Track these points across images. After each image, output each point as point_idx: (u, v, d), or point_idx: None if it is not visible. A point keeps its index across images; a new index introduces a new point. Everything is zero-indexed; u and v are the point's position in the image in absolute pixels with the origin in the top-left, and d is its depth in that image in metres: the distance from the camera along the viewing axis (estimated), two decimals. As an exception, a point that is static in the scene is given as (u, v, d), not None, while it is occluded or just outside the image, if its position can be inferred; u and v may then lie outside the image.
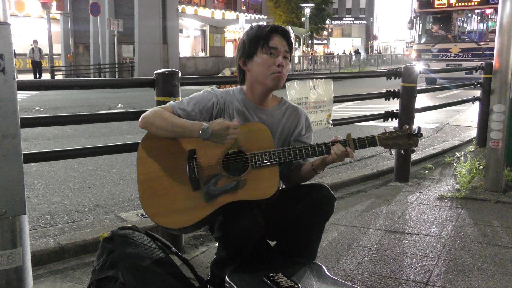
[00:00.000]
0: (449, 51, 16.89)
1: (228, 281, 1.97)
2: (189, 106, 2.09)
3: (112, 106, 11.75)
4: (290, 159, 2.02)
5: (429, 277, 2.54)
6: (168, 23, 26.45)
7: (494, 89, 4.05)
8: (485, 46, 16.26)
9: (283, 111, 2.24)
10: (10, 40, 1.85)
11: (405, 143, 2.04)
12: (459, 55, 16.65)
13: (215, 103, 2.12)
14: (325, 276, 2.05)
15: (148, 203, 2.00)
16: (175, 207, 1.98)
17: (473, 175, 4.50)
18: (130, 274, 1.86)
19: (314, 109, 3.87)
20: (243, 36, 2.17)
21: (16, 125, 1.89)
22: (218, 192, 1.96)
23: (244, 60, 2.15)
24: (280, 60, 2.08)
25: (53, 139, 7.13)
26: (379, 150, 6.06)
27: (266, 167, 1.99)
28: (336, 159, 2.00)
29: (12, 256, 1.95)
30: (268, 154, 2.00)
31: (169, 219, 1.97)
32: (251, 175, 1.98)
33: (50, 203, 4.07)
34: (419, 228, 3.29)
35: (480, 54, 16.09)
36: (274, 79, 2.09)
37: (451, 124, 8.60)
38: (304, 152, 2.03)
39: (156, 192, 2.00)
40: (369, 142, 2.03)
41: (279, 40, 2.09)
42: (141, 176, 2.03)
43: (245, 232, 1.91)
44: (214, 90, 2.17)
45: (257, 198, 1.95)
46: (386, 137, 2.05)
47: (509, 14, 3.85)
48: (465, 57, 16.49)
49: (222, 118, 2.05)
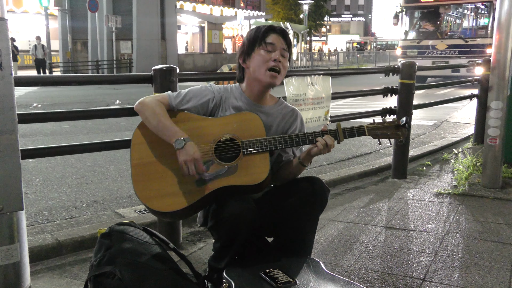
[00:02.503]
0: (435, 47, 16.22)
1: (225, 277, 1.98)
2: (185, 98, 2.13)
3: (110, 102, 11.73)
4: (281, 146, 2.06)
5: (426, 273, 2.55)
6: (166, 20, 26.39)
7: (492, 86, 4.05)
8: (473, 42, 15.75)
9: (279, 110, 2.26)
10: (7, 36, 1.84)
11: (393, 133, 2.09)
12: (446, 52, 15.98)
13: (211, 99, 2.15)
14: (322, 272, 2.06)
15: (140, 187, 2.01)
16: (167, 191, 1.99)
17: (470, 172, 4.51)
18: (128, 270, 1.86)
19: (312, 106, 3.87)
20: (245, 37, 2.23)
21: (14, 121, 1.89)
22: (209, 178, 1.98)
23: (243, 57, 2.19)
24: (277, 56, 2.11)
25: (51, 135, 7.12)
26: (377, 147, 6.07)
27: (257, 154, 2.02)
28: (323, 150, 2.03)
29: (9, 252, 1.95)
30: (259, 142, 2.03)
31: (160, 203, 1.98)
32: (242, 162, 2.01)
33: (48, 199, 4.07)
34: (417, 224, 3.30)
35: (467, 51, 15.53)
36: (271, 75, 2.11)
37: (449, 121, 8.62)
38: (295, 140, 2.06)
39: (148, 176, 2.02)
40: (358, 132, 2.08)
41: (276, 37, 2.13)
42: (135, 160, 2.05)
43: (236, 215, 1.93)
44: (211, 86, 2.20)
45: (248, 184, 1.97)
46: (375, 127, 2.09)
47: (507, 11, 3.85)
48: (451, 54, 15.86)
49: (197, 150, 2.01)
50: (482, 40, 15.41)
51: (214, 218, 2.02)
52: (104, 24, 23.20)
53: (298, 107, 3.66)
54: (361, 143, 6.54)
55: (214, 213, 2.02)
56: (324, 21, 49.81)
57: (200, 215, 2.24)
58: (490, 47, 15.24)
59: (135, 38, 24.85)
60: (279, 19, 41.20)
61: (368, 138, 6.31)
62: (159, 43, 26.00)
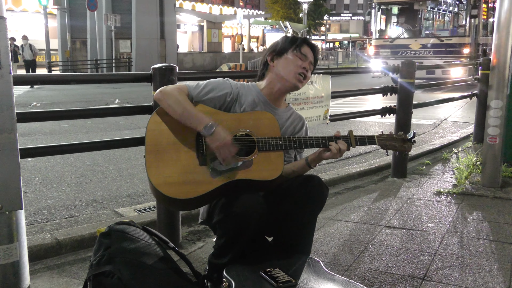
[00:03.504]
0: (409, 47, 15.03)
1: (225, 276, 1.97)
2: (204, 90, 2.14)
3: (109, 101, 11.72)
4: (296, 147, 2.14)
5: (426, 272, 2.55)
6: (165, 19, 26.37)
7: (492, 85, 4.05)
8: (448, 42, 14.61)
9: (288, 115, 2.34)
10: (6, 34, 1.84)
11: (400, 146, 2.25)
12: (420, 52, 14.75)
13: (228, 93, 2.17)
14: (322, 271, 2.06)
15: (154, 173, 2.00)
16: (180, 179, 1.99)
17: (470, 171, 4.51)
18: (127, 269, 1.86)
19: (312, 105, 3.86)
20: (279, 39, 2.34)
21: (12, 119, 1.88)
22: (224, 170, 2.00)
23: (273, 56, 2.28)
24: (307, 65, 2.24)
25: (50, 134, 7.11)
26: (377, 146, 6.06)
27: (272, 151, 2.07)
28: (336, 154, 2.13)
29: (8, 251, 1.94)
30: (274, 140, 2.09)
31: (173, 189, 1.98)
32: (257, 158, 2.05)
33: (47, 198, 4.06)
34: (416, 224, 3.29)
35: (442, 51, 14.37)
36: (298, 78, 2.22)
37: (449, 120, 8.62)
38: (309, 142, 2.15)
39: (163, 163, 2.01)
40: (369, 140, 2.21)
41: (309, 50, 2.26)
42: (150, 147, 2.04)
43: (248, 209, 1.94)
44: (229, 80, 2.23)
45: (262, 179, 2.02)
46: (384, 138, 2.24)
47: (507, 10, 3.84)
48: (426, 55, 14.68)
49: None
50: (459, 40, 14.60)
51: (224, 212, 2.02)
52: (103, 23, 23.18)
53: (298, 106, 3.65)
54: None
55: (223, 206, 2.03)
56: (323, 20, 49.81)
57: (203, 211, 2.24)
58: (467, 46, 14.39)
59: (134, 37, 24.83)
60: (278, 18, 41.23)
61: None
62: (158, 42, 25.99)
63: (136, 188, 4.39)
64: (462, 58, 14.03)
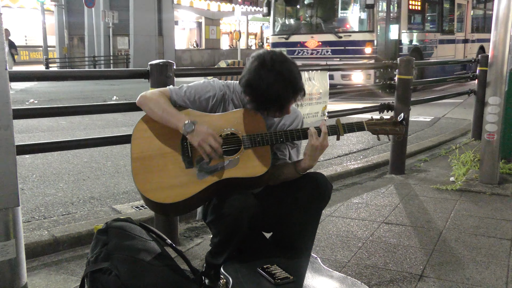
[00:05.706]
0: (305, 45, 12.01)
1: (223, 273, 1.97)
2: (186, 93, 2.11)
3: (107, 98, 11.69)
4: (282, 140, 2.07)
5: (424, 269, 2.55)
6: (163, 15, 26.31)
7: (490, 82, 4.05)
8: (347, 39, 11.47)
9: None
10: (1, 30, 1.83)
11: (392, 129, 2.15)
12: (317, 51, 11.84)
13: (212, 96, 2.12)
14: (320, 268, 2.06)
15: (140, 179, 2.00)
16: (167, 183, 1.99)
17: (468, 168, 4.52)
18: (124, 266, 1.85)
19: (310, 101, 3.86)
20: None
21: (8, 116, 1.87)
22: (211, 170, 1.98)
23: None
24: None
25: (47, 131, 7.09)
26: (375, 142, 6.06)
27: (259, 147, 2.03)
28: (316, 140, 2.03)
29: (5, 248, 1.94)
30: (260, 136, 2.04)
31: (161, 194, 1.97)
32: (243, 155, 2.02)
33: (44, 195, 4.05)
34: (414, 220, 3.29)
35: (341, 50, 11.43)
36: None
37: (447, 116, 8.62)
38: (295, 134, 2.08)
39: (149, 169, 2.01)
40: (357, 127, 2.13)
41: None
42: (135, 154, 2.04)
43: (237, 210, 1.93)
44: (214, 82, 2.18)
45: (250, 176, 1.98)
46: (373, 123, 2.15)
47: (506, 6, 3.84)
48: (324, 54, 11.72)
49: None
50: (359, 36, 11.44)
51: (215, 212, 2.02)
52: (101, 20, 23.13)
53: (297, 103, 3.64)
54: (358, 139, 6.54)
55: (214, 207, 2.02)
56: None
57: (200, 210, 2.23)
58: (369, 44, 11.23)
59: (132, 34, 24.77)
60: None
61: (366, 134, 6.32)
62: (156, 38, 25.93)
63: (134, 185, 4.38)
64: (364, 59, 11.25)
